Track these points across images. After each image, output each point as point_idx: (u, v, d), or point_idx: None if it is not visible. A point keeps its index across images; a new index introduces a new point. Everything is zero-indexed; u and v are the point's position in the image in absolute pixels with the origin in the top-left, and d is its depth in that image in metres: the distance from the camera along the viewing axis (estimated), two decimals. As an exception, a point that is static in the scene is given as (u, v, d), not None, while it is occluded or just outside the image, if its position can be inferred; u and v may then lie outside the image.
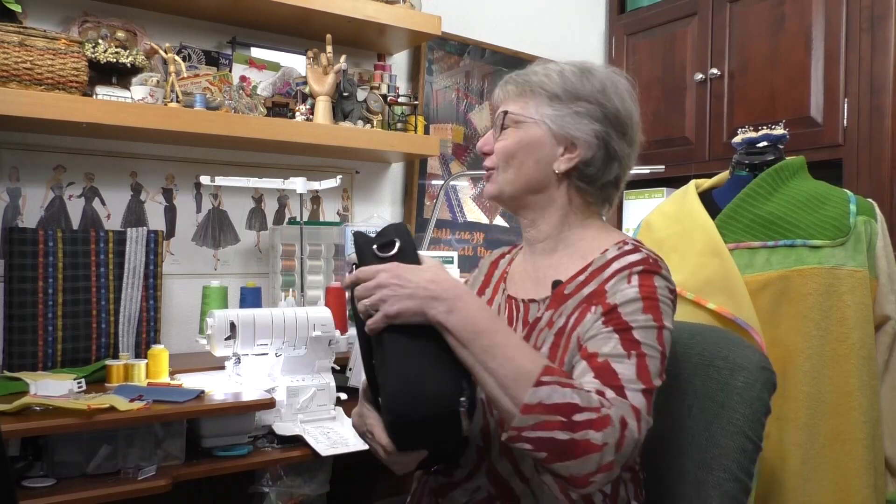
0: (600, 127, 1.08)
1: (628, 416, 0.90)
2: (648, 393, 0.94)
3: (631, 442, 0.89)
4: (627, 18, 2.88)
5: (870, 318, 1.44)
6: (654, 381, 0.96)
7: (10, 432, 1.26)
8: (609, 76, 1.12)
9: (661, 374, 0.98)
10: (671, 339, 1.01)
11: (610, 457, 0.87)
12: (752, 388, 1.15)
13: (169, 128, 1.77)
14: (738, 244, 1.50)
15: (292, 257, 2.07)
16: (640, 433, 0.90)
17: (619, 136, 1.09)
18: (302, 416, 1.65)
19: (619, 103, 1.10)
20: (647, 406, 0.93)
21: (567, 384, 0.90)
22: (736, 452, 1.13)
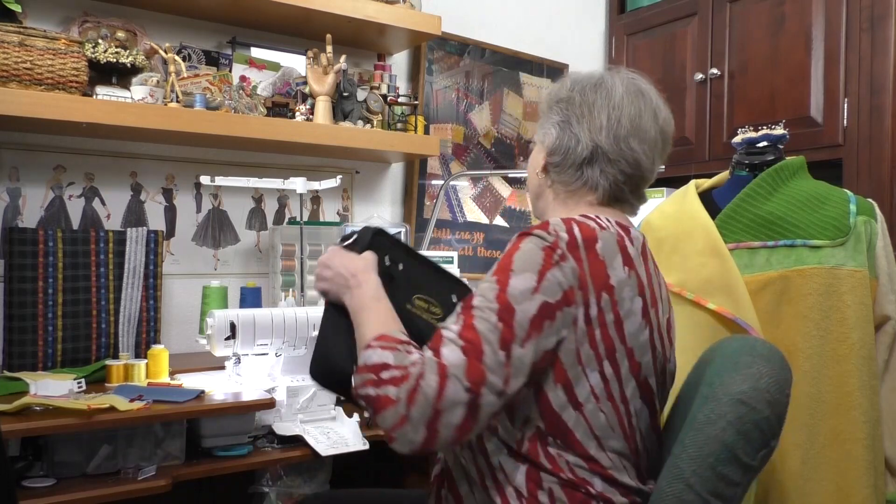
0: (559, 117, 1.16)
1: (430, 371, 0.91)
2: (472, 350, 0.93)
3: (423, 396, 0.90)
4: (627, 18, 2.88)
5: (870, 318, 1.44)
6: (477, 336, 0.94)
7: (10, 432, 1.26)
8: (581, 77, 1.19)
9: (498, 332, 0.94)
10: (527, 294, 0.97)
11: (403, 410, 0.90)
12: (712, 424, 0.93)
13: (169, 128, 1.77)
14: (738, 244, 1.50)
15: (292, 257, 2.07)
16: (440, 389, 0.90)
17: (579, 120, 1.14)
18: (302, 416, 1.65)
19: (579, 96, 1.15)
20: (466, 363, 0.92)
21: (388, 347, 0.97)
22: (672, 501, 0.92)
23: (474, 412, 0.92)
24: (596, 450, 1.03)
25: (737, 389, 0.94)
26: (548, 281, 0.98)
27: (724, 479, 0.92)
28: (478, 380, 0.92)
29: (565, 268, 0.99)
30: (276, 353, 1.69)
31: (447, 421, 0.91)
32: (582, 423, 1.02)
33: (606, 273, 1.02)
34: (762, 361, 0.99)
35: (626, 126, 1.12)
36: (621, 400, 1.04)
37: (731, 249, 1.49)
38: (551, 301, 0.98)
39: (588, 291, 1.00)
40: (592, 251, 1.02)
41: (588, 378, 1.02)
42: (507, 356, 0.94)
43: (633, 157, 1.13)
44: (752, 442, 0.93)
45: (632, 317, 1.04)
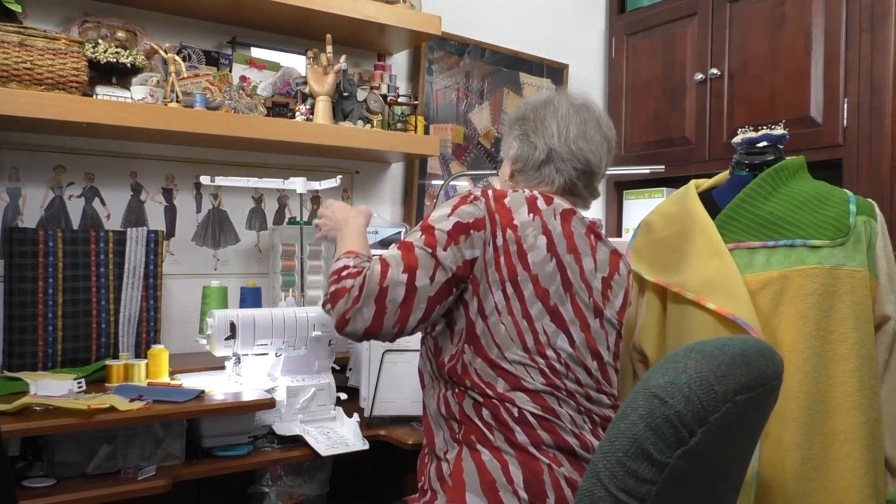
0: (518, 132, 1.42)
1: (375, 264, 1.19)
2: (405, 248, 1.20)
3: (371, 280, 1.16)
4: (627, 18, 2.88)
5: (870, 318, 1.44)
6: (409, 242, 1.21)
7: (10, 432, 1.26)
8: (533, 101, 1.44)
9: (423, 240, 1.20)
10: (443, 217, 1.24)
11: (356, 293, 1.17)
12: (624, 418, 0.88)
13: (169, 128, 1.77)
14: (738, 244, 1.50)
15: (292, 257, 2.07)
16: (383, 272, 1.17)
17: (534, 131, 1.39)
18: (302, 416, 1.65)
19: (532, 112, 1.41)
20: (401, 255, 1.19)
21: (352, 255, 1.29)
22: (586, 498, 0.89)
23: (412, 292, 1.17)
24: (497, 356, 1.22)
25: (654, 383, 0.89)
26: (461, 210, 1.25)
27: (634, 474, 0.87)
28: (411, 265, 1.18)
29: (478, 205, 1.26)
30: (276, 353, 1.69)
31: (392, 297, 1.16)
32: (486, 333, 1.22)
33: (511, 216, 1.26)
34: (698, 356, 0.92)
35: (574, 132, 1.38)
36: (523, 316, 1.23)
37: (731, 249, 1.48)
38: (464, 221, 1.23)
39: (496, 225, 1.25)
40: (500, 202, 1.28)
41: (493, 295, 1.23)
42: (432, 254, 1.19)
43: (584, 156, 1.37)
44: (665, 438, 0.87)
45: (535, 250, 1.25)
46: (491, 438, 1.21)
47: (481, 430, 1.21)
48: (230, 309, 1.74)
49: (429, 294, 1.19)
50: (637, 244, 1.67)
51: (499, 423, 1.21)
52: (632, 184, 2.85)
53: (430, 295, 1.19)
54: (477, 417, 1.22)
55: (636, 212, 2.76)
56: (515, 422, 1.20)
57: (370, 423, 1.68)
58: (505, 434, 1.20)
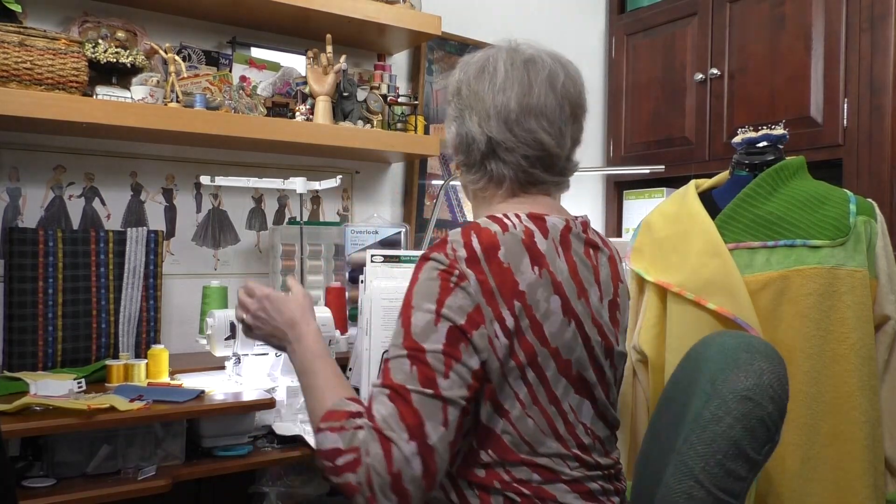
0: (454, 112, 1.14)
1: (372, 442, 0.90)
2: (398, 396, 0.91)
3: (376, 472, 0.89)
4: (627, 18, 2.88)
5: (870, 318, 1.44)
6: (397, 380, 0.92)
7: (10, 432, 1.26)
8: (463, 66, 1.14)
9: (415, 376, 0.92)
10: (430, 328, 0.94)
11: (367, 492, 0.89)
12: (719, 421, 0.94)
13: (169, 128, 1.77)
14: (738, 244, 1.50)
15: (292, 257, 2.07)
16: (386, 454, 0.89)
17: (469, 114, 1.10)
18: (302, 416, 1.65)
19: (466, 88, 1.11)
20: (397, 411, 0.90)
21: (336, 428, 0.95)
22: (681, 498, 0.94)
23: (429, 454, 0.90)
24: (528, 454, 1.00)
25: (741, 386, 0.96)
26: (448, 308, 0.94)
27: (733, 474, 0.94)
28: (415, 423, 0.90)
29: (467, 288, 0.95)
30: (276, 353, 1.69)
31: (409, 477, 0.89)
32: (511, 431, 0.99)
33: (514, 279, 0.97)
34: (761, 358, 1.01)
35: (515, 108, 1.06)
36: (550, 402, 1.01)
37: (731, 249, 1.49)
38: (456, 324, 0.94)
39: (498, 303, 0.96)
40: (495, 260, 0.97)
41: (512, 387, 0.99)
42: (434, 394, 0.92)
43: (533, 138, 1.07)
44: (758, 437, 0.95)
45: (551, 317, 1.00)
46: None
47: None
48: (230, 309, 1.74)
49: (448, 441, 0.92)
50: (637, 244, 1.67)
51: None
52: (632, 184, 2.85)
53: (451, 441, 0.93)
54: None
55: (636, 212, 2.76)
56: None
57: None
58: None
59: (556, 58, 1.12)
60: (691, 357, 1.22)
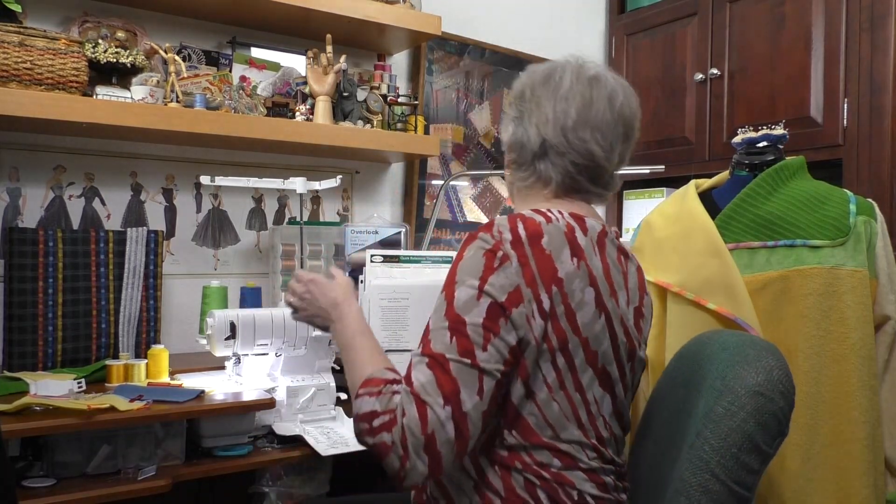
0: (514, 113, 1.21)
1: (408, 405, 0.96)
2: (437, 364, 0.97)
3: (410, 432, 0.94)
4: (627, 18, 2.88)
5: (870, 318, 1.44)
6: (437, 349, 0.98)
7: (10, 432, 1.25)
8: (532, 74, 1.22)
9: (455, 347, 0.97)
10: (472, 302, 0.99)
11: (401, 451, 0.95)
12: (733, 416, 0.98)
13: (169, 128, 1.77)
14: (738, 244, 1.50)
15: (292, 257, 2.07)
16: (422, 416, 0.94)
17: (529, 117, 1.17)
18: (302, 416, 1.65)
19: (530, 93, 1.19)
20: (434, 378, 0.96)
21: (374, 392, 1.01)
22: (696, 492, 0.97)
23: (463, 421, 0.96)
24: (550, 438, 1.04)
25: (752, 382, 0.99)
26: (490, 286, 1.00)
27: (746, 467, 0.98)
28: (452, 389, 0.96)
29: (508, 269, 1.01)
30: (276, 353, 1.69)
31: (442, 439, 0.94)
32: (536, 413, 1.04)
33: (554, 266, 1.03)
34: (768, 354, 1.05)
35: (574, 116, 1.13)
36: (576, 389, 1.05)
37: (731, 249, 1.49)
38: (498, 301, 0.99)
39: (538, 286, 1.01)
40: (538, 246, 1.03)
41: (541, 370, 1.03)
42: (472, 364, 0.97)
43: (585, 148, 1.13)
44: (770, 431, 0.99)
45: (584, 307, 1.05)
46: None
47: None
48: (230, 309, 1.74)
49: (482, 410, 0.98)
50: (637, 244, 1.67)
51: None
52: (632, 184, 2.85)
53: (484, 410, 0.98)
54: (532, 499, 1.04)
55: (636, 212, 2.76)
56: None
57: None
58: None
59: (617, 80, 1.18)
60: (686, 356, 1.23)
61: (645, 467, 1.22)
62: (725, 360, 1.07)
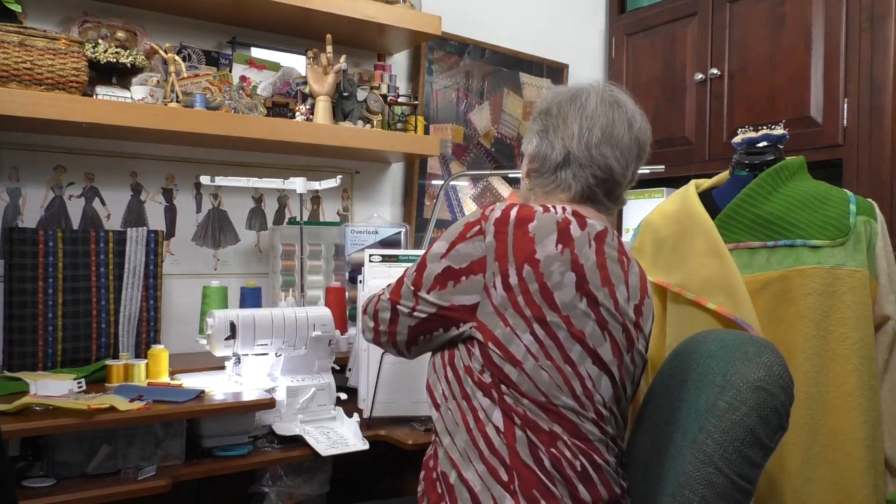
0: (539, 127, 1.30)
1: (375, 297, 1.30)
2: (396, 284, 1.26)
3: (371, 303, 1.29)
4: (627, 18, 2.88)
5: (870, 318, 1.44)
6: (402, 277, 1.25)
7: (10, 432, 1.26)
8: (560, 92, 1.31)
9: (411, 277, 1.22)
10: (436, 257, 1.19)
11: (362, 312, 1.33)
12: (735, 410, 1.00)
13: (169, 128, 1.77)
14: (738, 244, 1.50)
15: (292, 257, 2.07)
16: (377, 301, 1.28)
17: (554, 132, 1.26)
18: (302, 416, 1.65)
19: (556, 109, 1.28)
20: (391, 289, 1.26)
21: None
22: (700, 485, 0.99)
23: (395, 314, 1.23)
24: (546, 402, 1.12)
25: (754, 377, 1.02)
26: (456, 251, 1.17)
27: (749, 460, 1.00)
28: (394, 299, 1.24)
29: (478, 242, 1.16)
30: (276, 353, 1.69)
31: (382, 317, 1.25)
32: (525, 380, 1.11)
33: (532, 248, 1.13)
34: (767, 351, 1.07)
35: (598, 134, 1.23)
36: (565, 361, 1.12)
37: (731, 249, 1.49)
38: (455, 267, 1.16)
39: (507, 262, 1.13)
40: (522, 228, 1.14)
41: (521, 339, 1.12)
42: (414, 293, 1.21)
43: (605, 163, 1.23)
44: (771, 425, 1.01)
45: (563, 289, 1.12)
46: (556, 494, 1.08)
47: (544, 483, 1.09)
48: (230, 309, 1.74)
49: (409, 324, 1.22)
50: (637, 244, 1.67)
51: (563, 478, 1.09)
52: (632, 184, 2.85)
53: (411, 325, 1.22)
54: (537, 466, 1.09)
55: (636, 212, 2.76)
56: (579, 478, 1.10)
57: (370, 423, 1.68)
58: (570, 490, 1.09)
59: (636, 107, 1.29)
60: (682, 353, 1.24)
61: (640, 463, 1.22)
62: (725, 356, 1.09)
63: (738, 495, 1.01)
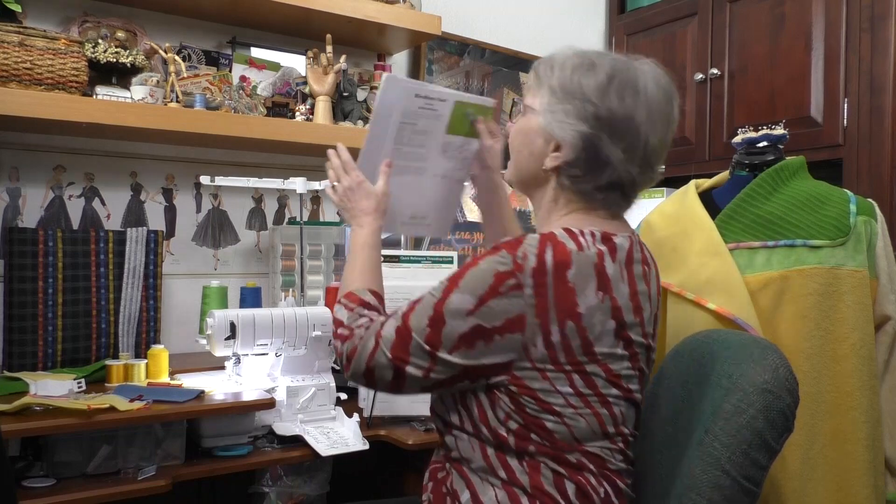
0: (588, 129, 1.05)
1: (370, 335, 1.06)
2: (403, 333, 1.03)
3: (359, 355, 1.06)
4: (627, 18, 2.88)
5: (870, 318, 1.44)
6: (409, 328, 1.03)
7: (10, 432, 1.26)
8: (619, 71, 1.07)
9: (424, 334, 1.02)
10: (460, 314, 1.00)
11: (344, 362, 1.09)
12: (742, 413, 1.00)
13: (169, 128, 1.77)
14: (738, 244, 1.50)
15: (292, 257, 2.07)
16: (372, 352, 1.05)
17: (612, 139, 1.05)
18: (302, 416, 1.65)
19: (618, 104, 1.05)
20: (394, 341, 1.03)
21: (349, 307, 1.15)
22: (707, 487, 0.99)
23: (400, 378, 1.04)
24: (577, 447, 1.05)
25: (760, 380, 1.01)
26: (488, 308, 0.99)
27: (756, 463, 1.00)
28: (399, 357, 1.03)
29: (516, 298, 0.99)
30: (276, 353, 1.69)
31: (379, 376, 1.05)
32: (562, 428, 1.03)
33: (574, 301, 1.00)
34: (772, 352, 1.06)
35: (657, 147, 1.09)
36: (602, 404, 1.05)
37: (731, 249, 1.49)
38: (487, 326, 0.99)
39: (549, 320, 0.99)
40: (562, 278, 1.00)
41: (560, 391, 1.02)
42: (430, 354, 1.02)
43: (655, 175, 1.13)
44: (777, 427, 1.01)
45: (603, 339, 1.03)
46: None
47: None
48: (230, 309, 1.74)
49: (422, 384, 1.04)
50: (637, 244, 1.67)
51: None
52: (632, 184, 2.85)
53: (425, 385, 1.04)
54: (560, 496, 1.03)
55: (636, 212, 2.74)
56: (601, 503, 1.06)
57: (370, 423, 1.68)
58: None
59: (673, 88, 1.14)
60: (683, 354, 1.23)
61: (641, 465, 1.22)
62: (729, 358, 1.08)
63: (744, 498, 1.00)
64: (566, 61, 1.10)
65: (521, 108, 1.15)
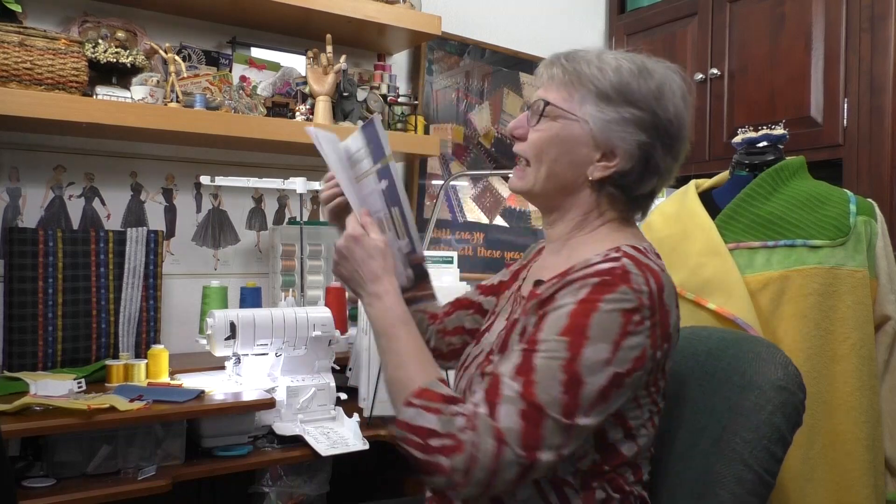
0: (646, 138, 1.00)
1: (486, 435, 0.87)
2: (532, 416, 0.87)
3: (481, 465, 0.86)
4: (627, 18, 2.88)
5: (870, 318, 1.44)
6: (539, 405, 0.87)
7: (10, 432, 1.26)
8: (667, 77, 1.04)
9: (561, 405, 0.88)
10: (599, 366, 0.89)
11: (459, 478, 0.87)
12: (761, 410, 1.04)
13: (169, 128, 1.77)
14: (738, 244, 1.50)
15: (292, 257, 2.07)
16: (497, 454, 0.86)
17: (665, 149, 1.02)
18: (302, 416, 1.65)
19: (674, 111, 1.02)
20: (523, 429, 0.87)
21: (433, 409, 0.91)
22: (731, 482, 1.03)
23: (527, 471, 0.88)
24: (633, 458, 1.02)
25: (774, 377, 1.06)
26: (623, 350, 0.90)
27: (774, 456, 1.05)
28: (534, 445, 0.87)
29: (640, 334, 0.91)
30: (276, 353, 1.69)
31: (502, 479, 0.88)
32: (634, 450, 1.00)
33: (668, 322, 0.96)
34: (777, 350, 1.11)
35: (686, 148, 1.07)
36: (653, 426, 1.03)
37: (731, 249, 1.49)
38: (622, 371, 0.90)
39: (658, 346, 0.94)
40: (662, 302, 0.94)
41: (642, 414, 0.99)
42: (567, 428, 0.88)
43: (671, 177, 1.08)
44: (792, 421, 1.06)
45: (672, 353, 1.01)
46: None
47: None
48: (230, 309, 1.74)
49: (555, 463, 0.91)
50: (637, 244, 1.67)
51: None
52: (632, 184, 2.85)
53: (557, 462, 0.91)
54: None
55: (636, 212, 2.76)
56: None
57: (370, 423, 1.68)
58: None
59: None
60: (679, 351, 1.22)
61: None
62: (735, 356, 1.12)
63: (763, 490, 1.05)
64: (621, 65, 1.02)
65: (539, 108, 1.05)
